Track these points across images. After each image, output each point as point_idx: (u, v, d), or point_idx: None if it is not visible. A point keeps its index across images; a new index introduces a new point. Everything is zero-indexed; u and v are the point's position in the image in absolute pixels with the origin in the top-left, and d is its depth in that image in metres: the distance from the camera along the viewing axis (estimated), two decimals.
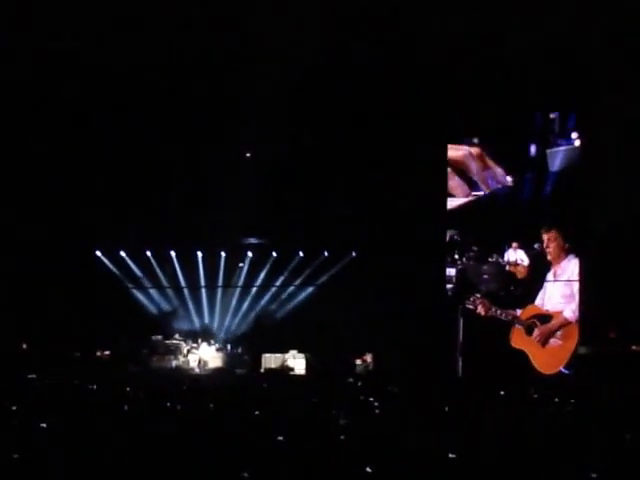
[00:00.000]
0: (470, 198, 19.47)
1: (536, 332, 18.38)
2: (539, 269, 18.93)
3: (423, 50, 17.59)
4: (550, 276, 18.60)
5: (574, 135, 18.40)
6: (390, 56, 18.03)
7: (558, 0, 16.56)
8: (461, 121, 19.06)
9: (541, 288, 18.74)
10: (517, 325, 18.50)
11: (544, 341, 18.44)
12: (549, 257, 18.63)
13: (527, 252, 19.27)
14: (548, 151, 18.61)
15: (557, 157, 18.56)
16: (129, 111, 18.77)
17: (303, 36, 16.77)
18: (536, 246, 18.71)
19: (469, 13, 16.81)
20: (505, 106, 18.42)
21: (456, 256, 19.77)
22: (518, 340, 18.55)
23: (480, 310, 18.79)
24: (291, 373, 18.68)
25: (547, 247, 18.61)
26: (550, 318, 18.39)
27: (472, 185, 19.32)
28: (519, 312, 18.63)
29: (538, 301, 18.57)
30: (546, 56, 17.52)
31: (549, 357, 18.32)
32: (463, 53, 17.60)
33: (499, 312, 18.75)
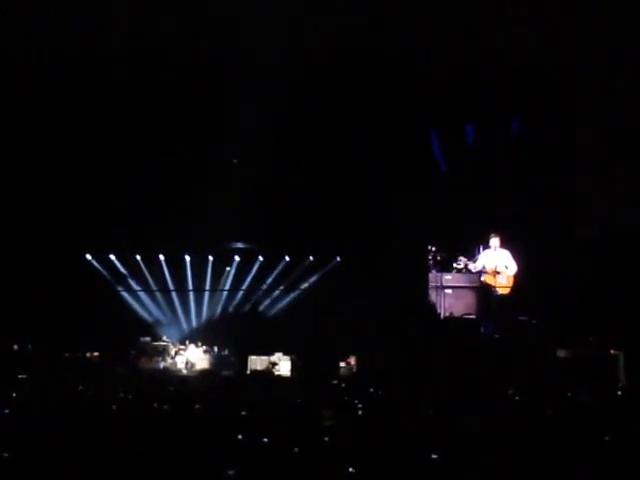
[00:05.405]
0: None
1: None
2: None
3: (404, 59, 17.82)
4: None
5: None
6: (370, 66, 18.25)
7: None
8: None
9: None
10: None
11: None
12: None
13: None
14: None
15: None
16: (118, 116, 18.91)
17: (290, 42, 16.98)
18: None
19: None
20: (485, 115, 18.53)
21: None
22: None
23: None
24: (276, 374, 18.83)
25: None
26: None
27: None
28: None
29: None
30: (527, 64, 17.73)
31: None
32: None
33: None
